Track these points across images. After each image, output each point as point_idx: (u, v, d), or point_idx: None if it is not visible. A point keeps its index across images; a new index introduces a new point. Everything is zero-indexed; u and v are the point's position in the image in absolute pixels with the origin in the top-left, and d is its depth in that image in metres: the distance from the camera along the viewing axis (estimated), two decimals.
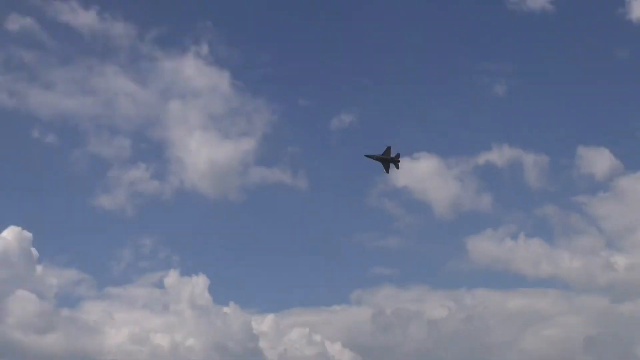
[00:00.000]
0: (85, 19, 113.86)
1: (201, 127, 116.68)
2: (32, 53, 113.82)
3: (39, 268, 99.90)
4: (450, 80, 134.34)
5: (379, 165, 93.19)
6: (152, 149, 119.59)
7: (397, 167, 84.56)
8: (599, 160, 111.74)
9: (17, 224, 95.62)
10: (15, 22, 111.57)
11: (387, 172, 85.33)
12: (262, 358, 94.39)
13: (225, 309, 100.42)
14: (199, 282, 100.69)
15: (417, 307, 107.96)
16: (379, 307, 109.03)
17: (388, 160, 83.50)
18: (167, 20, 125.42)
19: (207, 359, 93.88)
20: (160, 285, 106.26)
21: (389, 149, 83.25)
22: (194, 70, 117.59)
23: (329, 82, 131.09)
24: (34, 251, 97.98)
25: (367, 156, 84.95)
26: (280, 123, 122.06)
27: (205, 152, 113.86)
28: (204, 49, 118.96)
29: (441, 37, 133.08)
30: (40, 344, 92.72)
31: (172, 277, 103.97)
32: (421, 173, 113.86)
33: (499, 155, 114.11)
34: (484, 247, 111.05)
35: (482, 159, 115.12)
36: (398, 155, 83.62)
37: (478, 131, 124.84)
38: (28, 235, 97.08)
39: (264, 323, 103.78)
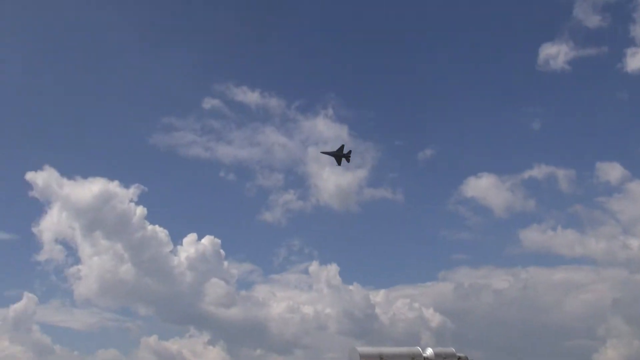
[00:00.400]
0: (252, 97, 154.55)
1: (329, 164, 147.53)
2: (219, 122, 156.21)
3: (225, 263, 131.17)
4: (502, 120, 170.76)
5: (453, 182, 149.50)
6: (297, 180, 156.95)
7: (348, 161, 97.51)
8: (612, 171, 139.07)
9: (211, 234, 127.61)
10: (208, 103, 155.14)
11: (339, 164, 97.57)
12: (378, 320, 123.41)
13: (351, 287, 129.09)
14: (332, 269, 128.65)
15: (486, 281, 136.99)
16: (458, 282, 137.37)
17: (340, 156, 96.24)
18: (305, 95, 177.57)
19: (339, 322, 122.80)
20: (306, 272, 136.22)
21: (342, 147, 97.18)
22: (323, 126, 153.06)
23: (415, 127, 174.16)
24: (222, 252, 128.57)
25: (323, 152, 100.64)
26: (383, 158, 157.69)
27: (333, 180, 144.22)
28: (330, 111, 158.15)
29: (493, 91, 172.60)
30: (227, 314, 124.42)
31: (314, 266, 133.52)
32: (483, 187, 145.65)
33: (538, 172, 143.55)
34: (532, 236, 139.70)
35: (527, 174, 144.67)
36: (349, 152, 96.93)
37: (522, 155, 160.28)
38: (218, 241, 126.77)
39: (378, 296, 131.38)
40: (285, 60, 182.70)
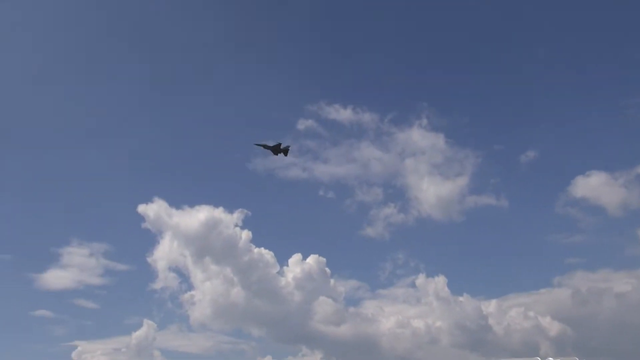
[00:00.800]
0: (345, 114, 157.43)
1: (428, 174, 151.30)
2: (314, 142, 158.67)
3: (332, 281, 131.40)
4: (607, 114, 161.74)
5: (560, 183, 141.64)
6: (397, 193, 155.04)
7: (286, 154, 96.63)
8: None
9: (315, 253, 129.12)
10: (302, 124, 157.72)
11: (276, 154, 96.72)
12: (492, 331, 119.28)
13: (461, 299, 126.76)
14: (440, 281, 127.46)
15: (606, 285, 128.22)
16: (575, 288, 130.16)
17: (278, 150, 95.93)
18: (397, 107, 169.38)
19: (451, 335, 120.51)
20: (413, 285, 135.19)
21: (279, 144, 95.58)
22: (419, 137, 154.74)
23: (514, 129, 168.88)
24: (327, 270, 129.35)
25: (257, 144, 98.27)
26: (483, 163, 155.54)
27: (432, 190, 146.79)
28: (424, 121, 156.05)
29: (595, 84, 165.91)
30: (337, 332, 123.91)
31: (420, 279, 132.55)
32: (594, 185, 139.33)
33: None
34: None
35: None
36: (288, 147, 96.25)
37: (634, 149, 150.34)
38: (323, 259, 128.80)
39: (490, 306, 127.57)
40: (375, 74, 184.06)
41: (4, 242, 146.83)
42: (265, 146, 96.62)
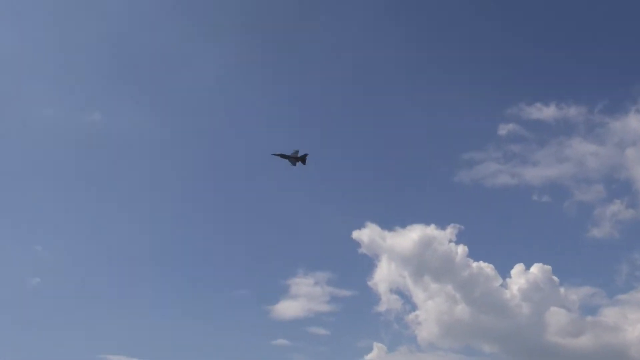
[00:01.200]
0: (548, 112, 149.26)
1: None
2: (519, 145, 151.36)
3: (562, 289, 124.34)
4: None
5: None
6: (621, 188, 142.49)
7: (304, 163, 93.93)
8: None
9: (538, 261, 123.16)
10: (504, 129, 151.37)
11: (294, 165, 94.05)
12: None
13: None
14: None
15: None
16: None
17: (296, 159, 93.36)
18: (606, 95, 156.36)
19: None
20: None
21: (296, 151, 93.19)
22: (638, 123, 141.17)
23: None
24: (554, 278, 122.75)
25: (275, 154, 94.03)
26: None
27: None
28: None
29: None
30: (577, 344, 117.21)
31: None
32: None
33: None
34: None
35: None
36: (305, 155, 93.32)
37: None
38: (548, 267, 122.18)
39: None
40: (574, 63, 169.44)
41: (242, 279, 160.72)
42: (283, 156, 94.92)
